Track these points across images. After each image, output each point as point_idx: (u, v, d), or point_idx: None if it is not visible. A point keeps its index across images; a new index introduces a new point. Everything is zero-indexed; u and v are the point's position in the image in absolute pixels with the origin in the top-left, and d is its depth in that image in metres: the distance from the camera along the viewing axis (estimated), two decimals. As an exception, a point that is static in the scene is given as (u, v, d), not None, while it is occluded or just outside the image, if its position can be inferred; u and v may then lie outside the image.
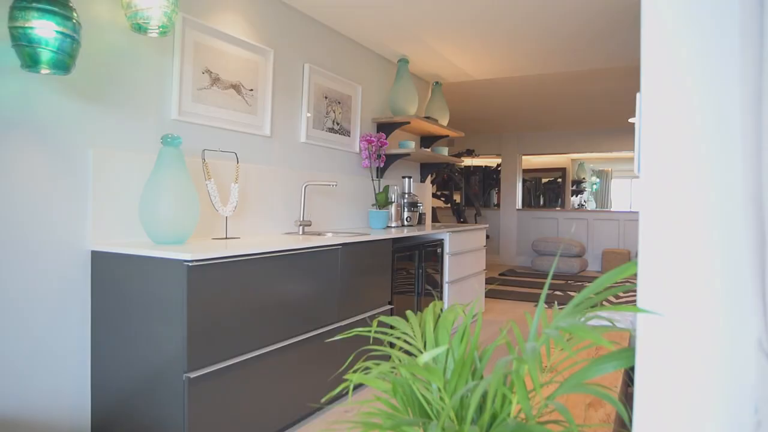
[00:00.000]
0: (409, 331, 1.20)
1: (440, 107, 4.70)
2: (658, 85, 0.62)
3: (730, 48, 0.57)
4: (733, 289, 0.58)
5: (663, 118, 0.62)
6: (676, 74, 0.61)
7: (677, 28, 0.60)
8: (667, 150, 0.61)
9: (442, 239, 3.88)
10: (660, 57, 0.62)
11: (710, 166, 0.59)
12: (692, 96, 0.60)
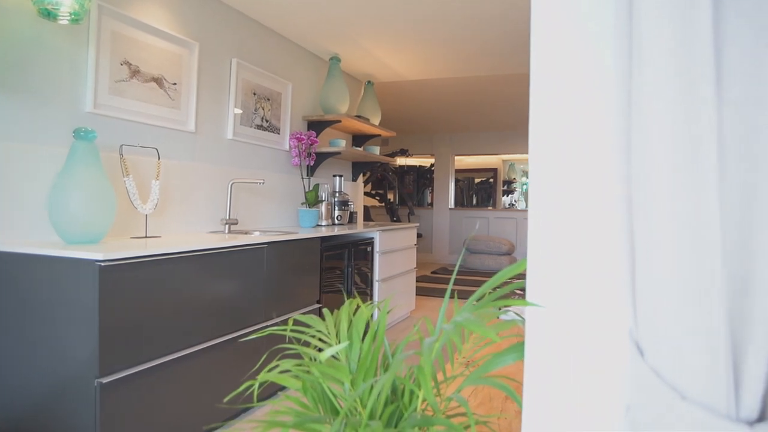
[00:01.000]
0: (323, 329, 1.21)
1: (372, 106, 4.73)
2: (541, 95, 0.65)
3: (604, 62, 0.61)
4: (607, 282, 0.63)
5: (546, 127, 0.65)
6: (557, 85, 0.64)
7: (559, 49, 0.64)
8: (549, 154, 0.65)
9: (373, 238, 3.91)
10: (544, 70, 0.65)
11: (587, 171, 0.63)
12: (570, 106, 0.63)
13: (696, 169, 0.48)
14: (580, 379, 0.64)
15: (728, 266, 0.50)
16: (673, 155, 0.50)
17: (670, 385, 0.54)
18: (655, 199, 0.52)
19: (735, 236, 0.50)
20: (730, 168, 0.49)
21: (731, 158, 0.49)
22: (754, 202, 0.49)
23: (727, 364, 0.51)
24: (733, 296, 0.51)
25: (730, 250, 0.50)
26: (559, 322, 0.65)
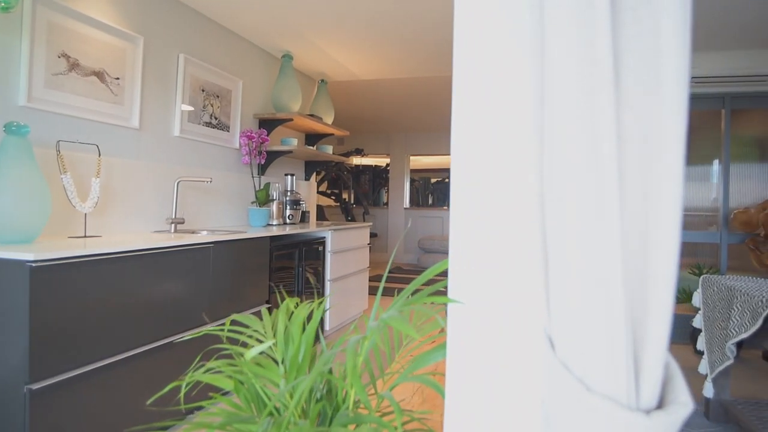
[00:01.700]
0: (260, 329, 1.19)
1: (325, 105, 4.71)
2: (462, 96, 0.67)
3: (521, 64, 0.63)
4: (523, 279, 0.64)
5: (465, 129, 0.66)
6: (477, 88, 0.66)
7: (479, 52, 0.65)
8: (469, 156, 0.66)
9: (325, 237, 3.89)
10: (464, 72, 0.66)
11: (505, 172, 0.64)
12: (489, 107, 0.65)
13: (598, 169, 0.50)
14: (499, 374, 0.66)
15: (628, 262, 0.52)
16: (578, 156, 0.52)
17: (577, 377, 0.55)
18: (562, 199, 0.54)
19: (634, 233, 0.52)
20: (630, 168, 0.51)
21: (630, 158, 0.51)
22: (650, 201, 0.51)
23: (628, 356, 0.53)
24: (633, 291, 0.53)
25: (630, 246, 0.52)
26: (479, 318, 0.66)
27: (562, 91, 0.52)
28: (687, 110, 0.50)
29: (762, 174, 4.31)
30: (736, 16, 3.37)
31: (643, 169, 0.50)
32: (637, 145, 0.50)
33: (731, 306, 2.32)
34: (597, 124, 0.49)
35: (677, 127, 0.49)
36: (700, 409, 2.79)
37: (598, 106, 0.49)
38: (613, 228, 0.50)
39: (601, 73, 0.49)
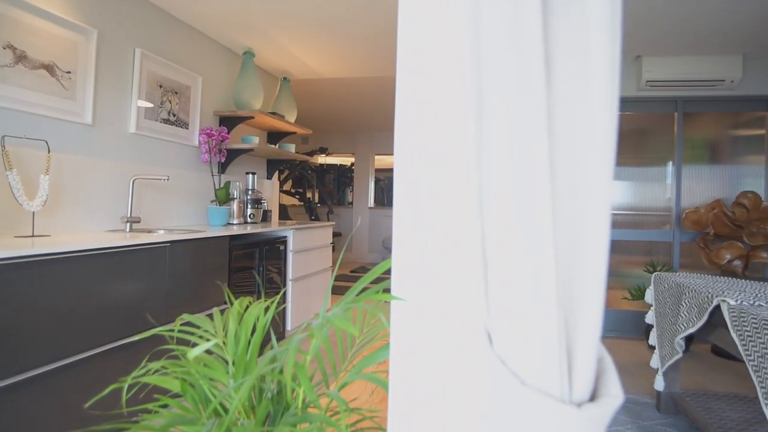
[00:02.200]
0: (211, 329, 1.17)
1: (288, 103, 4.67)
2: (405, 94, 0.67)
3: (462, 63, 0.63)
4: (464, 277, 0.65)
5: (407, 127, 0.66)
6: (418, 85, 0.66)
7: (420, 50, 0.65)
8: (411, 154, 0.66)
9: (286, 237, 3.85)
10: (407, 71, 0.66)
11: (446, 172, 0.65)
12: (430, 105, 0.65)
13: (530, 167, 0.51)
14: (440, 369, 0.66)
15: (559, 258, 0.53)
16: (511, 154, 0.52)
17: (513, 371, 0.56)
18: (498, 197, 0.54)
19: (565, 228, 0.53)
20: (561, 165, 0.52)
21: (561, 156, 0.52)
22: (580, 197, 0.52)
23: (561, 350, 0.54)
24: (565, 287, 0.54)
25: (561, 242, 0.53)
26: (421, 314, 0.66)
27: (497, 88, 0.53)
28: (616, 108, 0.52)
29: (712, 175, 4.48)
30: (688, 25, 3.49)
31: (572, 166, 0.51)
32: (567, 141, 0.51)
33: (680, 302, 2.40)
34: (528, 120, 0.50)
35: (606, 124, 0.50)
36: (652, 401, 2.88)
37: (529, 101, 0.50)
38: (545, 224, 0.51)
39: (532, 70, 0.49)
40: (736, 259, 3.86)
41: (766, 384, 1.66)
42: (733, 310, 1.92)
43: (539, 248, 0.51)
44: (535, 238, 0.51)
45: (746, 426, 2.28)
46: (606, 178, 0.51)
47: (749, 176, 4.43)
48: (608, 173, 0.51)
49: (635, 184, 4.57)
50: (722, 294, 2.08)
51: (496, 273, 0.56)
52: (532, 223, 0.51)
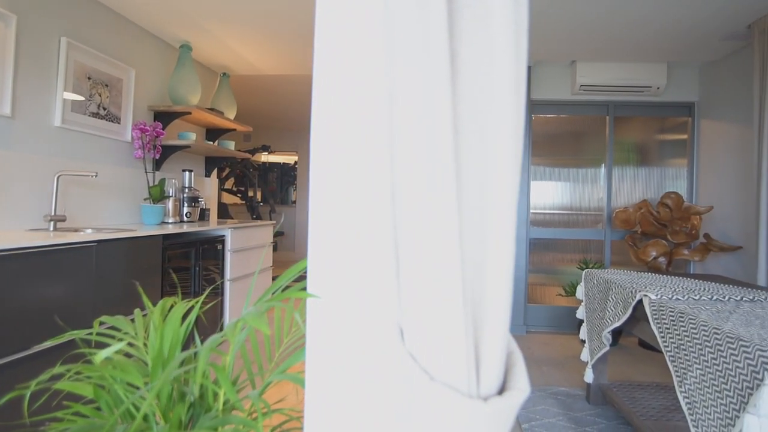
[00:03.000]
0: (131, 331, 1.12)
1: (227, 99, 4.55)
2: (320, 91, 0.66)
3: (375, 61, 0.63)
4: (378, 272, 0.64)
5: (323, 125, 0.65)
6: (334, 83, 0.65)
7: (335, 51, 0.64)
8: (325, 152, 0.65)
9: (224, 236, 3.76)
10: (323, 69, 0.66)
11: (359, 168, 0.64)
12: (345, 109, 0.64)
13: (436, 165, 0.51)
14: (355, 366, 0.66)
15: (467, 254, 0.54)
16: (418, 150, 0.52)
17: (422, 367, 0.56)
18: (407, 195, 0.54)
19: (473, 225, 0.53)
20: (467, 163, 0.53)
21: (468, 152, 0.53)
22: (488, 193, 0.53)
23: (468, 346, 0.54)
24: (473, 283, 0.54)
25: (469, 239, 0.53)
26: (336, 311, 0.66)
27: (405, 85, 0.52)
28: (523, 105, 0.53)
29: (640, 176, 4.71)
30: (618, 33, 3.65)
31: (480, 162, 0.52)
32: (475, 138, 0.52)
33: (607, 297, 2.51)
34: (434, 117, 0.50)
35: (512, 121, 0.50)
36: (583, 393, 3.00)
37: (435, 99, 0.50)
38: (451, 220, 0.51)
39: (438, 67, 0.49)
40: (661, 256, 4.08)
41: (680, 373, 1.75)
42: (654, 303, 2.02)
43: (446, 243, 0.51)
44: (440, 235, 0.51)
45: (666, 413, 2.41)
46: (512, 176, 0.51)
47: (674, 178, 4.69)
48: (514, 171, 0.52)
49: (572, 185, 4.74)
50: (645, 289, 2.19)
51: (406, 269, 0.56)
52: (438, 221, 0.51)
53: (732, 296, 2.11)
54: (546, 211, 4.75)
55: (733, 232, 3.97)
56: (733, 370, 1.48)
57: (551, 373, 3.42)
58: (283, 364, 0.92)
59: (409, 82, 0.52)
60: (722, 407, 1.52)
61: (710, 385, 1.59)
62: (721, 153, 4.21)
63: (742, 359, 1.45)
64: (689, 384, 1.70)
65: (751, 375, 1.41)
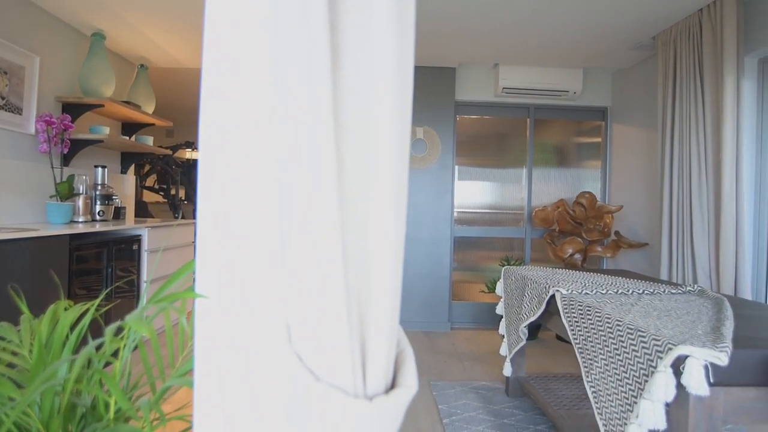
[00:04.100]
0: (16, 339, 1.04)
1: (145, 93, 4.34)
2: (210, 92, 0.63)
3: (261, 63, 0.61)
4: (266, 272, 0.62)
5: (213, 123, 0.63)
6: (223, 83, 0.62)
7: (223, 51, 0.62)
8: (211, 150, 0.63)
9: (140, 235, 3.58)
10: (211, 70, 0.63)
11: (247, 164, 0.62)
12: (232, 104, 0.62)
13: (316, 161, 0.50)
14: (246, 368, 0.63)
15: (351, 251, 0.53)
16: (301, 146, 0.51)
17: (308, 367, 0.55)
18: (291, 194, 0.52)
19: (356, 224, 0.53)
20: (351, 157, 0.52)
21: (351, 150, 0.52)
22: (372, 189, 0.52)
23: (353, 344, 0.53)
24: (358, 281, 0.53)
25: (352, 237, 0.52)
26: (225, 312, 0.63)
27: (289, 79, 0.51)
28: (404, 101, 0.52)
29: (559, 177, 4.92)
30: (538, 39, 3.79)
31: (363, 158, 0.51)
32: (358, 136, 0.51)
33: (524, 293, 2.60)
34: (316, 112, 0.49)
35: (393, 117, 0.50)
36: (502, 386, 3.09)
37: (316, 93, 0.48)
38: (332, 218, 0.50)
39: (318, 62, 0.48)
40: (577, 253, 4.28)
41: (587, 363, 1.84)
42: (564, 298, 2.11)
43: (326, 243, 0.50)
44: (321, 234, 0.50)
45: (578, 402, 2.53)
46: (395, 174, 0.51)
47: (589, 179, 4.93)
48: (397, 169, 0.51)
49: (496, 185, 4.88)
50: (557, 284, 2.28)
51: (292, 268, 0.54)
52: (318, 219, 0.50)
53: (635, 290, 2.25)
54: (471, 210, 4.87)
55: (641, 229, 4.23)
56: (632, 359, 1.57)
57: (473, 367, 3.51)
58: (183, 368, 0.88)
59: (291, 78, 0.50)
60: (623, 394, 1.61)
61: (613, 374, 1.67)
62: (630, 156, 4.47)
63: (640, 348, 1.54)
64: (595, 374, 1.78)
65: (647, 363, 1.50)
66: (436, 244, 4.60)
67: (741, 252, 2.96)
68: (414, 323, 4.57)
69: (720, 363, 1.33)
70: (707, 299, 2.12)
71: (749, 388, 1.40)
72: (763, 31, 2.95)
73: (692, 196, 3.22)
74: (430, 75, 4.61)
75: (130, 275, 3.45)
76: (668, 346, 1.42)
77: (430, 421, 2.60)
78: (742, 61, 2.99)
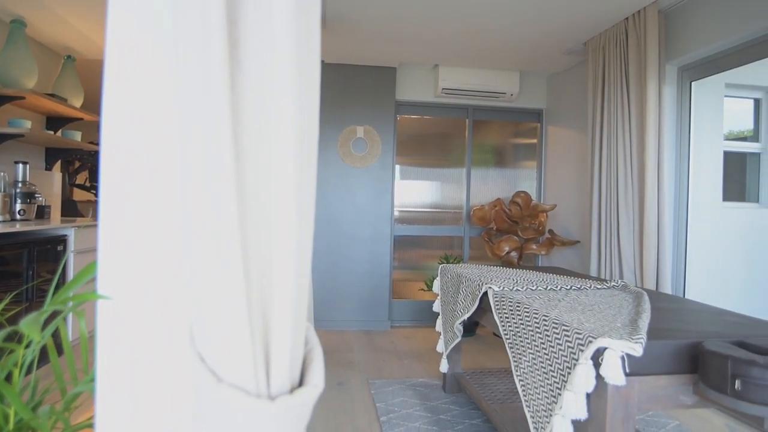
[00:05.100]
0: None
1: (73, 85, 4.13)
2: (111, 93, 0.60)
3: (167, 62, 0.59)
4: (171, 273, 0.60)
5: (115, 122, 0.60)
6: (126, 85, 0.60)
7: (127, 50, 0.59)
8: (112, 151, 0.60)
9: (66, 235, 3.41)
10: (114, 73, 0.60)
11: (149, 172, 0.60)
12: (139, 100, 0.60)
13: (214, 157, 0.49)
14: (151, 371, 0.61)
15: (252, 251, 0.52)
16: (199, 143, 0.49)
17: (210, 368, 0.54)
18: (192, 192, 0.51)
19: (259, 222, 0.52)
20: (251, 156, 0.51)
21: (253, 149, 0.51)
22: (273, 187, 0.51)
23: (256, 344, 0.52)
24: (261, 282, 0.53)
25: (253, 236, 0.51)
26: (129, 314, 0.61)
27: (188, 74, 0.49)
28: (309, 98, 0.52)
29: (496, 177, 5.04)
30: (477, 42, 3.87)
31: (265, 156, 0.50)
32: (259, 131, 0.50)
33: (459, 290, 2.65)
34: (214, 107, 0.48)
35: (293, 115, 0.49)
36: (439, 383, 3.14)
37: (213, 87, 0.47)
38: (232, 216, 0.49)
39: (215, 52, 0.47)
40: (513, 251, 4.40)
41: (517, 358, 1.90)
42: (496, 295, 2.17)
43: (225, 241, 0.49)
44: (221, 232, 0.49)
45: (510, 395, 2.60)
46: (295, 172, 0.50)
47: (526, 179, 5.09)
48: (298, 166, 0.51)
49: (436, 184, 4.95)
50: (490, 282, 2.34)
51: (194, 268, 0.53)
52: (218, 217, 0.49)
53: (563, 286, 2.33)
54: (412, 209, 4.91)
55: (573, 227, 4.41)
56: (557, 352, 1.63)
57: (412, 365, 3.55)
58: (88, 376, 0.84)
59: (189, 73, 0.49)
60: (548, 387, 1.66)
61: (539, 367, 1.73)
62: (564, 157, 4.64)
63: (564, 342, 1.60)
64: (523, 368, 1.84)
65: (570, 356, 1.56)
66: (377, 243, 4.62)
67: (662, 249, 3.13)
68: (354, 322, 4.57)
69: (635, 354, 1.40)
70: (629, 293, 2.23)
71: (661, 377, 1.48)
72: (682, 41, 3.13)
73: (619, 196, 3.37)
74: (370, 74, 4.62)
75: (54, 277, 3.27)
76: (589, 339, 1.48)
77: (368, 419, 2.61)
78: (664, 69, 3.17)
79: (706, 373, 1.39)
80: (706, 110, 3.72)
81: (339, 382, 3.14)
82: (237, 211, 0.49)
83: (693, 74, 3.23)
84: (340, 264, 4.57)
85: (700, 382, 1.42)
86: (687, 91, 3.29)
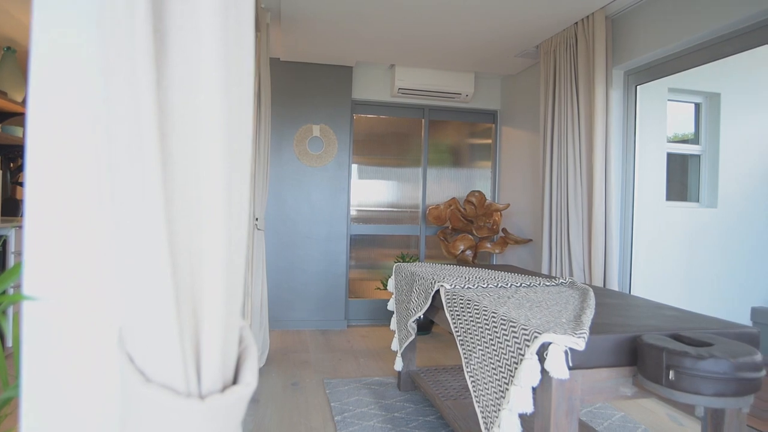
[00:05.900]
0: None
1: (14, 79, 3.95)
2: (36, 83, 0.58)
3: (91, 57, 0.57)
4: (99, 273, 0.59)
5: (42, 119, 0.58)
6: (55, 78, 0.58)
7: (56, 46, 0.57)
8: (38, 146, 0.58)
9: (6, 236, 3.26)
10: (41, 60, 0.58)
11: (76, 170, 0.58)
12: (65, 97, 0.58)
13: (138, 152, 0.47)
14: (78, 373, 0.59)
15: (184, 244, 0.51)
16: (124, 144, 0.48)
17: (139, 368, 0.52)
18: (119, 190, 0.50)
19: (188, 215, 0.51)
20: (179, 152, 0.50)
21: (179, 141, 0.50)
22: (201, 188, 0.50)
23: (185, 341, 0.52)
24: (191, 280, 0.52)
25: (183, 234, 0.51)
26: (55, 316, 0.59)
27: (112, 65, 0.48)
28: (241, 93, 0.51)
29: (452, 176, 5.11)
30: (432, 43, 3.91)
31: (192, 152, 0.49)
32: (187, 126, 0.49)
33: (412, 289, 2.67)
34: (138, 100, 0.47)
35: (220, 110, 0.49)
36: (394, 381, 3.16)
37: (138, 79, 0.46)
38: (158, 213, 0.48)
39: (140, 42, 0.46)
40: (468, 249, 4.47)
41: (467, 355, 1.93)
42: (448, 293, 2.19)
43: (153, 238, 0.48)
44: (148, 229, 0.48)
45: (463, 392, 2.64)
46: (224, 169, 0.50)
47: (481, 178, 5.17)
48: (227, 164, 0.50)
49: (393, 184, 4.97)
50: (442, 280, 2.37)
51: (122, 265, 0.52)
52: (145, 215, 0.48)
53: (513, 283, 2.38)
54: (368, 209, 4.92)
55: (526, 226, 4.51)
56: (505, 348, 1.67)
57: (367, 364, 3.55)
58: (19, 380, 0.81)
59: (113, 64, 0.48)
60: (497, 382, 1.70)
61: (488, 363, 1.76)
62: (517, 157, 4.74)
63: (511, 338, 1.64)
64: (474, 364, 1.87)
65: (516, 351, 1.59)
66: (333, 242, 4.61)
67: (609, 247, 3.24)
68: (310, 322, 4.54)
69: (578, 348, 1.45)
70: (576, 290, 2.30)
71: (603, 369, 1.53)
72: (627, 47, 3.25)
73: (569, 196, 3.47)
74: (326, 73, 4.60)
75: None
76: (534, 334, 1.52)
77: (322, 419, 2.60)
78: (611, 73, 3.28)
79: (644, 365, 1.45)
80: (651, 113, 3.88)
81: (294, 382, 3.12)
82: (163, 207, 0.48)
83: (638, 78, 3.36)
84: (295, 263, 4.54)
85: (639, 373, 1.48)
86: (633, 95, 3.41)
